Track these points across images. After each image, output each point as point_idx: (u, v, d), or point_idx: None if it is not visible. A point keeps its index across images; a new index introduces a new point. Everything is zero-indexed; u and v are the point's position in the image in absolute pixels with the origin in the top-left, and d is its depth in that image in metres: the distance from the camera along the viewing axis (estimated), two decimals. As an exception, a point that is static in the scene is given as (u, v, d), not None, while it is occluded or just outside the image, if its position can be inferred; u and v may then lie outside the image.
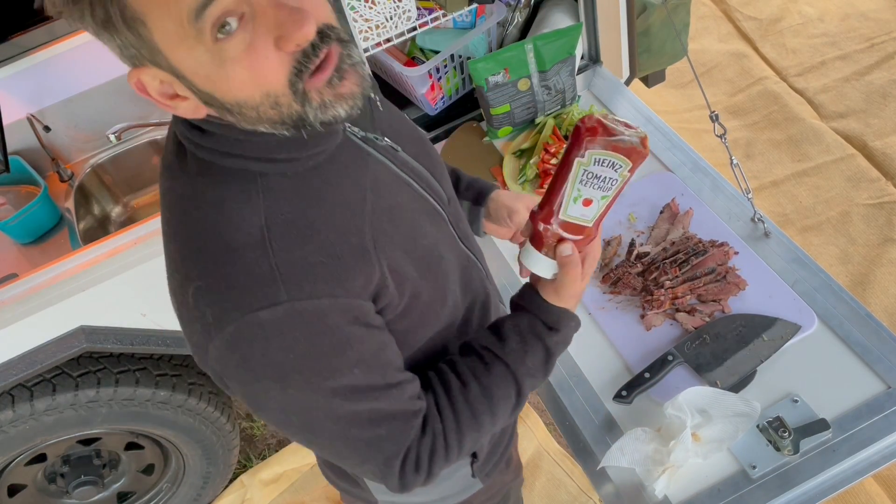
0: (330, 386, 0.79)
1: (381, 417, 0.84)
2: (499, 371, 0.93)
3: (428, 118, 1.90)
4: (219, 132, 0.76)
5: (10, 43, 1.74)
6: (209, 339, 0.76)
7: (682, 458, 1.11)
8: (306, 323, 0.76)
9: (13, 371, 1.63)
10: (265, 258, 0.75)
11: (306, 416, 0.81)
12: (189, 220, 0.79)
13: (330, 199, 0.81)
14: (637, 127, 0.85)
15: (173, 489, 2.16)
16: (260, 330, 0.74)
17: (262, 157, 0.78)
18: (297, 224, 0.77)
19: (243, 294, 0.74)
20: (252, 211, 0.77)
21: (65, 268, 1.59)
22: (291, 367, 0.77)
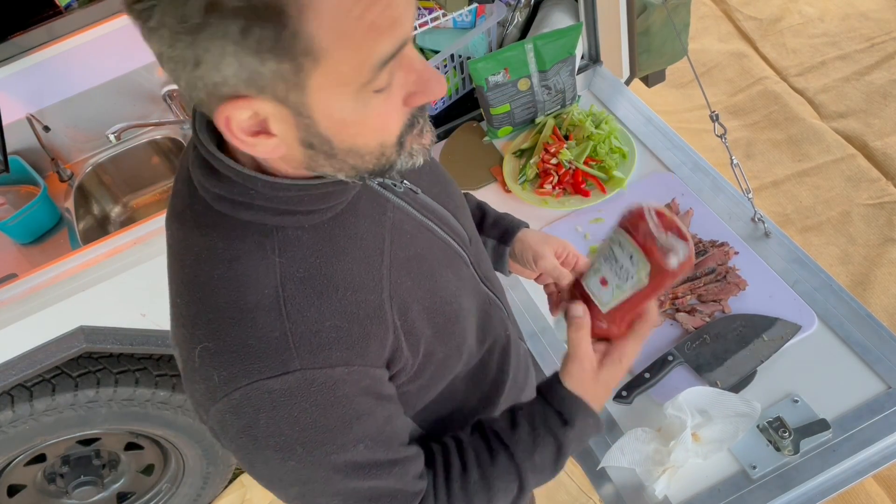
0: (332, 461, 0.76)
1: (380, 496, 0.81)
2: (503, 462, 0.89)
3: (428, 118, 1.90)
4: (243, 182, 0.72)
5: (10, 43, 1.73)
6: (212, 402, 0.73)
7: (682, 459, 1.11)
8: (317, 393, 0.73)
9: (13, 371, 1.63)
10: (278, 322, 0.72)
11: (303, 487, 0.78)
12: (200, 276, 0.75)
13: (349, 252, 0.77)
14: (690, 246, 0.78)
15: (173, 489, 2.16)
16: (268, 398, 0.71)
17: (283, 210, 0.74)
18: (314, 283, 0.74)
19: (254, 360, 0.71)
20: (267, 270, 0.73)
21: (65, 268, 1.59)
22: (295, 440, 0.74)
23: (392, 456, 0.81)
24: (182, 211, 0.79)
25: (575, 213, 1.57)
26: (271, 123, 0.65)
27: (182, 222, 0.78)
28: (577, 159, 1.61)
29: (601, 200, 1.56)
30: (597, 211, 1.56)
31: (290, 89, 0.62)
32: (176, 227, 0.80)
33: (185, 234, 0.78)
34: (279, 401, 0.71)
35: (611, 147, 1.62)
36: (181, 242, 0.78)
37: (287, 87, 0.62)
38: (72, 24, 1.77)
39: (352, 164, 0.70)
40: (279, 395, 0.71)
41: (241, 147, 0.67)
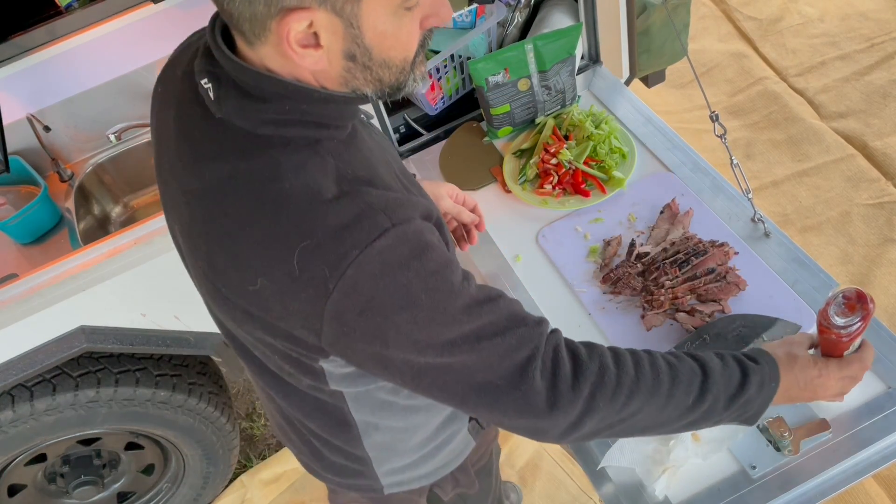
0: (451, 303, 0.81)
1: (505, 326, 0.84)
2: (688, 364, 0.92)
3: (428, 118, 1.90)
4: (297, 96, 0.80)
5: (10, 43, 1.74)
6: (327, 295, 0.77)
7: (681, 458, 1.11)
8: (412, 241, 0.79)
9: (13, 371, 1.63)
10: (359, 200, 0.79)
11: (438, 340, 0.81)
12: (268, 194, 0.79)
13: (371, 159, 0.88)
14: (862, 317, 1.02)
15: (173, 489, 2.16)
16: (378, 260, 0.77)
17: (322, 124, 0.83)
18: (364, 177, 0.83)
19: (353, 233, 0.77)
20: (328, 169, 0.81)
21: (65, 268, 1.59)
22: (415, 288, 0.79)
23: (490, 293, 0.86)
24: (213, 153, 0.83)
25: (575, 214, 1.57)
26: (322, 35, 0.75)
27: (223, 160, 0.82)
28: (577, 159, 1.61)
29: (601, 200, 1.56)
30: (597, 211, 1.56)
31: (346, 1, 0.72)
32: (216, 169, 0.83)
33: (231, 168, 0.82)
34: (390, 257, 0.77)
35: (611, 147, 1.62)
36: (229, 178, 0.82)
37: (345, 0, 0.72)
38: (72, 25, 1.77)
39: (381, 77, 0.81)
40: (387, 252, 0.77)
41: (294, 57, 0.76)
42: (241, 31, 0.77)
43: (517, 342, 0.84)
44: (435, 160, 1.78)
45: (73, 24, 1.77)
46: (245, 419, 2.48)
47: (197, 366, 1.97)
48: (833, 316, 1.04)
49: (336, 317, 0.78)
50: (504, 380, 0.84)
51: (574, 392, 0.86)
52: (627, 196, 1.57)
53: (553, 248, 1.52)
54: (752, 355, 0.98)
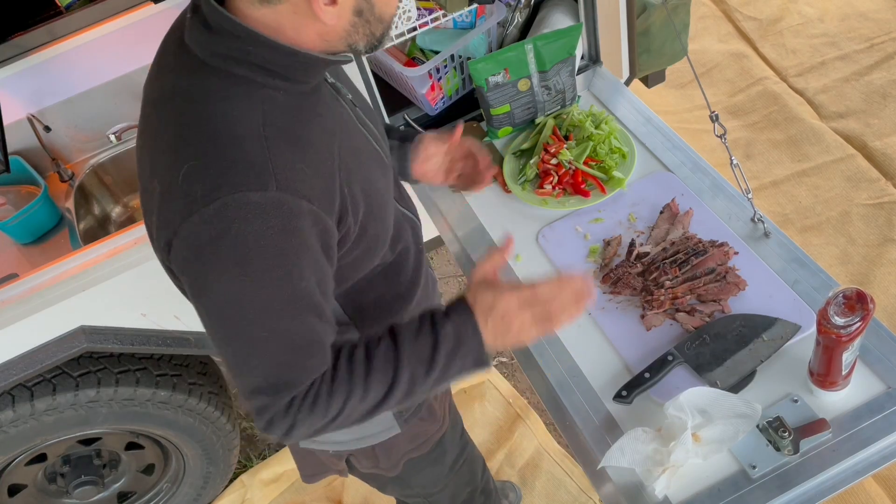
0: (280, 286, 0.86)
1: (303, 344, 0.90)
2: (385, 344, 0.97)
3: (428, 118, 1.90)
4: (256, 44, 0.85)
5: (10, 43, 1.74)
6: (189, 214, 0.82)
7: (682, 459, 1.11)
8: (285, 216, 0.83)
9: (13, 371, 1.63)
10: (263, 150, 0.84)
11: (243, 310, 0.87)
12: (191, 108, 0.87)
13: (314, 123, 0.91)
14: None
15: (173, 489, 2.16)
16: (244, 210, 0.81)
17: (272, 72, 0.88)
18: (289, 134, 0.87)
19: (238, 175, 0.82)
20: (253, 112, 0.86)
21: (65, 268, 1.59)
22: (256, 254, 0.83)
23: (321, 311, 0.91)
24: (173, 66, 0.92)
25: (575, 214, 1.57)
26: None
27: (174, 74, 0.91)
28: (577, 159, 1.61)
29: (601, 200, 1.56)
30: (597, 211, 1.56)
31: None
32: (166, 79, 0.92)
33: (174, 80, 0.91)
34: (253, 213, 0.82)
35: (611, 147, 1.62)
36: (171, 88, 0.91)
37: None
38: (72, 25, 1.77)
39: (374, 31, 0.89)
40: (254, 208, 0.82)
41: (319, 14, 0.83)
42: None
43: (300, 365, 0.91)
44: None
45: (73, 24, 1.77)
46: (245, 419, 2.48)
47: (197, 366, 1.97)
48: (833, 316, 1.04)
49: (188, 236, 0.83)
50: (263, 381, 0.90)
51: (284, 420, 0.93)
52: (627, 196, 1.57)
53: (553, 248, 1.52)
54: (446, 307, 1.00)
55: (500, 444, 2.24)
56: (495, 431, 2.28)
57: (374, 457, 1.30)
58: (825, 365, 1.11)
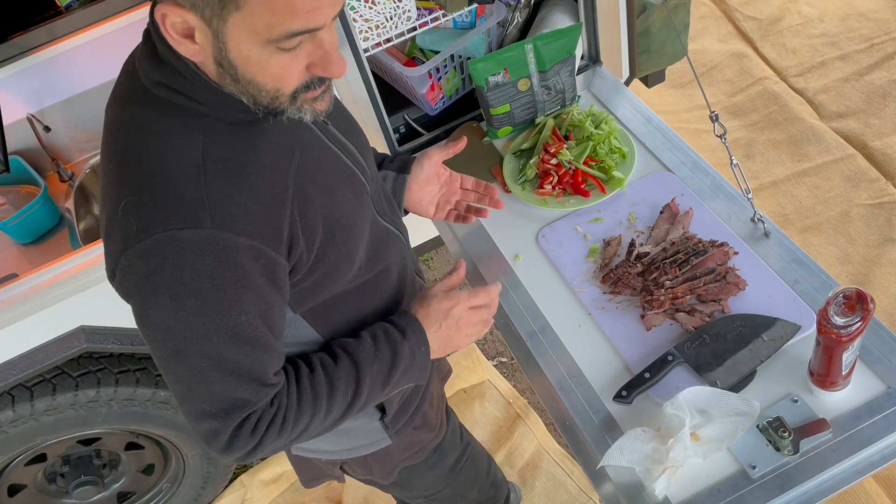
0: (217, 321, 0.87)
1: (243, 374, 0.91)
2: (345, 364, 1.02)
3: (428, 118, 1.90)
4: (187, 75, 0.86)
5: (10, 43, 1.74)
6: (125, 248, 0.84)
7: (680, 457, 1.11)
8: (220, 252, 0.84)
9: (13, 371, 1.63)
10: (197, 187, 0.85)
11: (182, 342, 0.88)
12: (132, 143, 0.88)
13: (263, 149, 0.91)
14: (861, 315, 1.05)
15: (173, 489, 2.16)
16: (177, 247, 0.83)
17: (205, 101, 0.87)
18: (230, 165, 0.87)
19: (171, 213, 0.84)
20: (191, 144, 0.86)
21: (65, 268, 1.59)
22: (191, 291, 0.85)
23: (265, 342, 0.93)
24: (122, 95, 0.93)
25: (575, 214, 1.57)
26: (196, 34, 0.81)
27: (121, 103, 0.93)
28: (577, 159, 1.61)
29: (601, 200, 1.56)
30: (597, 211, 1.56)
31: (213, 16, 0.78)
32: (115, 108, 0.93)
33: (121, 112, 0.92)
34: (186, 251, 0.83)
35: (611, 147, 1.62)
36: (118, 119, 0.92)
37: (212, 14, 0.78)
38: (72, 25, 1.77)
39: (251, 93, 0.86)
40: (187, 246, 0.83)
41: (171, 42, 0.83)
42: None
43: (241, 393, 0.92)
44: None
45: (73, 24, 1.77)
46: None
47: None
48: (833, 316, 1.04)
49: (126, 268, 0.85)
50: (207, 409, 0.92)
51: (253, 442, 0.96)
52: (627, 196, 1.57)
53: (553, 248, 1.52)
54: (402, 325, 1.08)
55: (500, 445, 2.24)
56: (495, 431, 2.28)
57: (368, 465, 1.30)
58: (825, 365, 1.11)
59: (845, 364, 1.10)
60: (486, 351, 2.51)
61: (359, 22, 1.58)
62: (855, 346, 1.07)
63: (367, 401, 1.05)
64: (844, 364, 1.10)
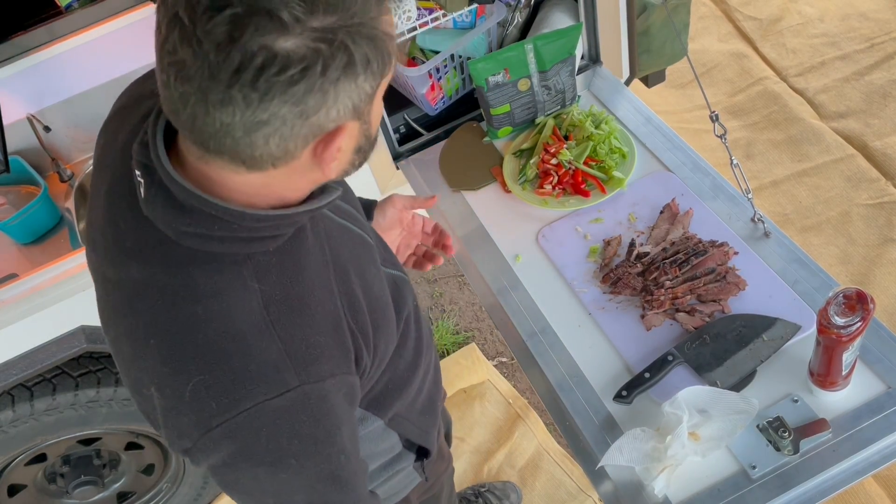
0: (319, 471, 0.81)
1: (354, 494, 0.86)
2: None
3: (428, 118, 1.90)
4: (232, 216, 0.73)
5: (10, 43, 1.73)
6: (207, 430, 0.74)
7: (679, 455, 1.11)
8: (313, 406, 0.77)
9: (13, 371, 1.63)
10: (272, 343, 0.75)
11: (285, 498, 0.82)
12: (180, 315, 0.75)
13: (308, 267, 0.80)
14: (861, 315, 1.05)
15: (173, 489, 2.16)
16: (271, 417, 0.74)
17: (256, 238, 0.76)
18: (291, 303, 0.77)
19: (255, 384, 0.74)
20: (249, 297, 0.75)
21: (65, 268, 1.59)
22: (291, 453, 0.77)
23: (362, 466, 0.88)
24: (138, 250, 0.78)
25: (575, 214, 1.57)
26: (345, 142, 0.71)
27: (142, 262, 0.77)
28: (577, 159, 1.61)
29: (601, 200, 1.56)
30: (597, 211, 1.56)
31: (366, 103, 0.70)
32: (133, 267, 0.78)
33: (147, 274, 0.77)
34: (281, 418, 0.75)
35: (611, 147, 1.62)
36: (143, 284, 0.77)
37: (368, 102, 0.70)
38: (72, 25, 1.77)
39: (367, 154, 0.78)
40: (281, 413, 0.74)
41: (327, 171, 0.73)
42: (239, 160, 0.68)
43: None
44: (435, 160, 1.78)
45: (73, 24, 1.77)
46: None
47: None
48: (833, 316, 1.04)
49: (209, 448, 0.76)
50: None
51: None
52: (627, 196, 1.57)
53: (553, 248, 1.52)
54: None
55: (500, 444, 2.24)
56: (495, 431, 2.28)
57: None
58: (825, 365, 1.11)
59: (845, 364, 1.10)
60: (486, 351, 2.51)
61: (359, 22, 1.58)
62: (855, 346, 1.07)
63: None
64: (844, 364, 1.10)
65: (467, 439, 2.27)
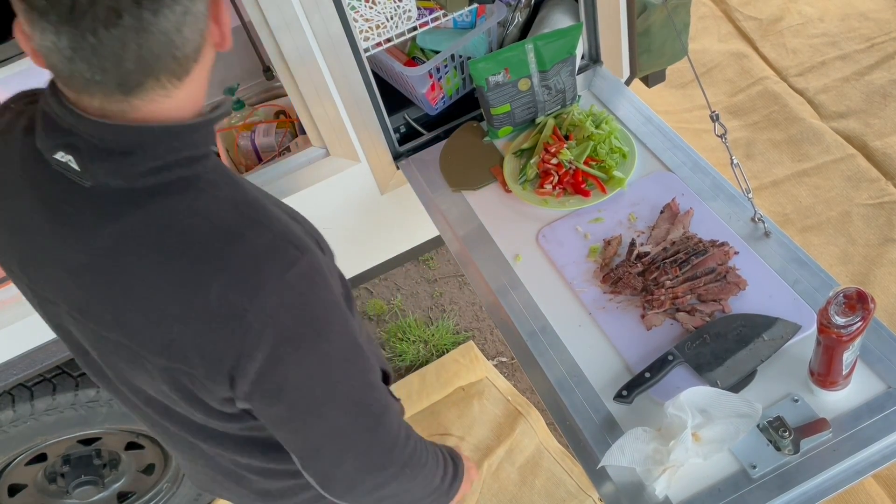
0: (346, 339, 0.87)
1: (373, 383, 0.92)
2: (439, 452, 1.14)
3: (428, 118, 1.90)
4: (148, 140, 0.77)
5: (11, 43, 1.73)
6: (246, 328, 0.78)
7: (682, 458, 1.11)
8: (318, 273, 0.83)
9: (13, 371, 1.63)
10: (263, 230, 0.81)
11: (328, 380, 0.86)
12: (169, 239, 0.79)
13: (244, 184, 0.87)
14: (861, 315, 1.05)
15: (173, 489, 2.16)
16: (294, 291, 0.80)
17: (192, 157, 0.81)
18: (254, 204, 0.84)
19: (267, 265, 0.79)
20: (220, 202, 0.81)
21: (65, 267, 1.59)
22: (323, 320, 0.83)
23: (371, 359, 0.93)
24: (98, 217, 0.80)
25: (575, 213, 1.57)
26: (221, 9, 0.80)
27: (110, 223, 0.80)
28: (578, 159, 1.61)
29: (601, 200, 1.56)
30: (597, 211, 1.56)
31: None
32: (100, 236, 0.80)
33: (118, 230, 0.79)
34: (303, 285, 0.81)
35: (611, 147, 1.62)
36: (120, 240, 0.80)
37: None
38: None
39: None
40: (301, 281, 0.80)
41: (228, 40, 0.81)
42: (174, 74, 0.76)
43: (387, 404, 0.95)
44: (435, 160, 1.78)
45: None
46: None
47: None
48: (833, 315, 1.04)
49: (253, 349, 0.79)
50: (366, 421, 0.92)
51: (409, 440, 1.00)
52: (628, 196, 1.57)
53: (553, 248, 1.52)
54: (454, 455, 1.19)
55: (500, 442, 2.24)
56: (495, 428, 2.29)
57: None
58: (825, 365, 1.11)
59: (845, 364, 1.10)
60: (486, 351, 2.51)
61: (359, 22, 1.58)
62: (855, 345, 1.07)
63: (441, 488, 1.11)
64: (845, 364, 1.10)
65: (467, 437, 2.28)
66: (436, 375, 2.42)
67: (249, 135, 2.03)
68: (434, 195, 1.71)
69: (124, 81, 0.73)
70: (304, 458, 0.92)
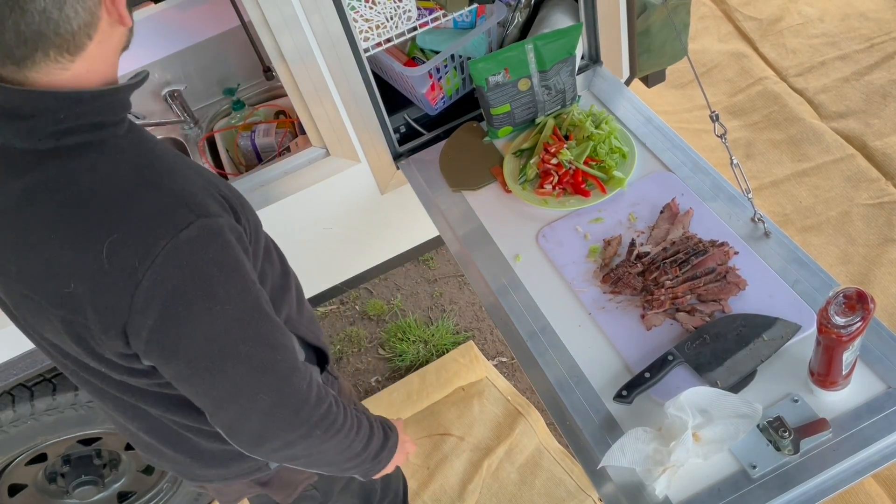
0: (243, 300, 0.89)
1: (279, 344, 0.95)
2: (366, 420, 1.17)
3: (428, 118, 1.91)
4: (57, 109, 0.82)
5: None
6: (136, 284, 0.81)
7: (682, 459, 1.11)
8: (216, 236, 0.86)
9: (14, 370, 1.63)
10: (160, 193, 0.84)
11: (225, 339, 0.89)
12: (66, 195, 0.83)
13: (159, 148, 0.91)
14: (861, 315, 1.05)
15: (173, 489, 2.16)
16: (186, 250, 0.82)
17: (97, 124, 0.85)
18: (158, 169, 0.87)
19: (160, 224, 0.82)
20: (120, 165, 0.85)
21: (65, 267, 1.59)
22: (217, 281, 0.85)
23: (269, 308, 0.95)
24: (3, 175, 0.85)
25: (575, 213, 1.57)
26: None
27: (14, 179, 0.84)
28: (578, 159, 1.61)
29: (601, 200, 1.56)
30: (597, 211, 1.56)
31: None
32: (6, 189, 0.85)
33: (22, 183, 0.84)
34: (196, 245, 0.83)
35: (611, 147, 1.62)
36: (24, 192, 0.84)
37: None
38: None
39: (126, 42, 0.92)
40: (194, 242, 0.83)
41: (126, 18, 0.84)
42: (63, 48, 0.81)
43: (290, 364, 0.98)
44: (435, 160, 1.79)
45: None
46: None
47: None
48: (833, 315, 1.04)
49: (147, 299, 0.82)
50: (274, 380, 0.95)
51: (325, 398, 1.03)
52: (627, 196, 1.57)
53: (553, 248, 1.52)
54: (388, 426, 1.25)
55: (499, 441, 2.24)
56: (494, 428, 2.29)
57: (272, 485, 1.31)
58: (825, 365, 1.11)
59: (845, 364, 1.10)
60: (486, 351, 2.51)
61: (359, 22, 1.58)
62: (855, 345, 1.07)
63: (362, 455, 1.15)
64: (845, 364, 1.10)
65: (467, 437, 2.28)
66: (436, 375, 2.42)
67: (249, 135, 2.03)
68: (434, 195, 1.71)
69: (10, 54, 0.79)
70: (211, 413, 0.96)
